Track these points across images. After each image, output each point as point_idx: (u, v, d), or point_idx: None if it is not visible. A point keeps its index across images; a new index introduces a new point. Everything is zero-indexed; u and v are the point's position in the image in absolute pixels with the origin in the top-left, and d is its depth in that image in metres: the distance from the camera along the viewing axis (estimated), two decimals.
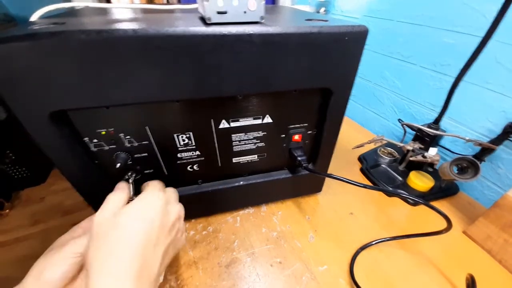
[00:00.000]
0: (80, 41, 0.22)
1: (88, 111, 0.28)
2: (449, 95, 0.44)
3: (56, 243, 0.26)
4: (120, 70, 0.25)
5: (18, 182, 0.52)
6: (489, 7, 0.45)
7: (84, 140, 0.31)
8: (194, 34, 0.25)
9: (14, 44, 0.21)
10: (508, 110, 0.46)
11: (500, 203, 0.38)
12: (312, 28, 0.28)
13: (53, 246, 0.26)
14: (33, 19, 0.29)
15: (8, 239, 0.43)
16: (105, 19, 0.30)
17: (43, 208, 0.49)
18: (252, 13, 0.27)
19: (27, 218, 0.46)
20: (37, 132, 0.27)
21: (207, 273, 0.37)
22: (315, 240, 0.43)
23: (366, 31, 0.29)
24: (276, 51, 0.28)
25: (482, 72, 0.48)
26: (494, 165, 0.50)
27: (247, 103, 0.34)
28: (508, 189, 0.39)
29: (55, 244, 0.26)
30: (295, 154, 0.41)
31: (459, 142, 0.55)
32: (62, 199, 0.50)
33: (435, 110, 0.59)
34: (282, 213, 0.47)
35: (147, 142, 0.33)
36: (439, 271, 0.38)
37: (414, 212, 0.48)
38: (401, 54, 0.64)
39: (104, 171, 0.34)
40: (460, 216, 0.48)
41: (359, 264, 0.39)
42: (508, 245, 0.38)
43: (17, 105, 0.24)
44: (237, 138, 0.38)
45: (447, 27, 0.52)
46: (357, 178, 0.57)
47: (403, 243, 0.42)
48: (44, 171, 0.57)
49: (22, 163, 0.50)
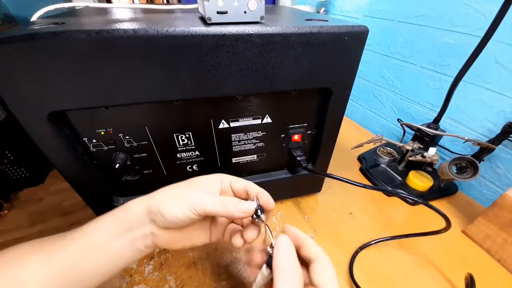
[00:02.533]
0: (80, 41, 0.22)
1: (87, 111, 0.28)
2: (449, 95, 0.44)
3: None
4: (120, 70, 0.25)
5: (17, 183, 0.52)
6: (489, 7, 0.45)
7: (83, 140, 0.31)
8: (194, 34, 0.25)
9: (14, 44, 0.21)
10: (507, 110, 0.46)
11: (499, 203, 0.39)
12: (312, 28, 0.28)
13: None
14: (34, 19, 0.29)
15: (6, 239, 0.42)
16: (105, 19, 0.30)
17: (42, 209, 0.48)
18: (252, 13, 0.27)
19: (25, 219, 0.46)
20: (36, 133, 0.27)
21: (207, 273, 0.37)
22: (314, 240, 0.42)
23: (367, 31, 0.29)
24: (276, 51, 0.28)
25: (482, 72, 0.48)
26: (493, 164, 0.50)
27: (247, 103, 0.34)
28: (507, 189, 0.39)
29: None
30: (295, 154, 0.41)
31: (458, 141, 0.55)
32: (61, 199, 0.50)
33: (435, 110, 0.59)
34: (281, 213, 0.47)
35: (146, 142, 0.33)
36: (438, 270, 0.38)
37: (413, 212, 0.48)
38: (401, 54, 0.64)
39: (103, 172, 0.34)
40: (459, 215, 0.48)
41: (359, 264, 0.39)
42: (507, 244, 0.38)
43: (16, 105, 0.24)
44: (237, 138, 0.38)
45: (447, 27, 0.52)
46: (356, 178, 0.58)
47: (403, 243, 0.42)
48: (42, 171, 0.57)
49: (20, 164, 0.50)
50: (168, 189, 0.25)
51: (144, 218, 0.23)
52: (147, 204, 0.23)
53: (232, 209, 0.23)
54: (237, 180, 0.27)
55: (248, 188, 0.27)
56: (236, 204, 0.23)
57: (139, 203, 0.24)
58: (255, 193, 0.26)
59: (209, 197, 0.23)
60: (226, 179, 0.27)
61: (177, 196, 0.24)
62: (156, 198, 0.24)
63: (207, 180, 0.26)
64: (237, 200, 0.24)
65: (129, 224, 0.23)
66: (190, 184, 0.26)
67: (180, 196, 0.23)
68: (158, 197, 0.24)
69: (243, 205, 0.23)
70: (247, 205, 0.24)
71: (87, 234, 0.22)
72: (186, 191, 0.24)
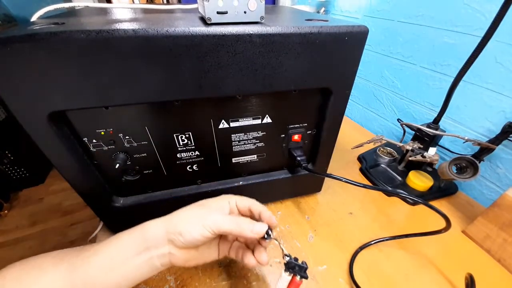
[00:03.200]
0: (80, 41, 0.22)
1: (87, 111, 0.28)
2: (449, 95, 0.44)
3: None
4: (120, 70, 0.25)
5: (17, 183, 0.52)
6: (489, 7, 0.45)
7: (83, 140, 0.31)
8: (194, 34, 0.25)
9: (14, 44, 0.21)
10: (507, 109, 0.46)
11: (499, 203, 0.39)
12: (312, 28, 0.28)
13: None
14: (34, 19, 0.29)
15: (7, 239, 0.43)
16: (105, 19, 0.30)
17: (42, 209, 0.49)
18: (252, 13, 0.27)
19: (26, 219, 0.46)
20: (36, 133, 0.27)
21: (207, 273, 0.37)
22: (314, 240, 0.43)
23: (367, 32, 0.29)
24: (276, 51, 0.28)
25: (482, 72, 0.48)
26: (493, 164, 0.50)
27: (247, 103, 0.34)
28: (507, 189, 0.39)
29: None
30: (295, 154, 0.41)
31: (458, 141, 0.55)
32: (61, 199, 0.51)
33: (435, 110, 0.59)
34: (281, 213, 0.47)
35: (146, 142, 0.33)
36: (438, 270, 0.38)
37: (413, 212, 0.48)
38: (401, 54, 0.64)
39: (103, 172, 0.34)
40: (459, 215, 0.48)
41: (359, 264, 0.39)
42: (507, 244, 0.38)
43: (16, 105, 0.24)
44: (237, 138, 0.38)
45: (447, 27, 0.52)
46: (356, 178, 0.58)
47: (403, 243, 0.42)
48: (43, 171, 0.57)
49: (20, 164, 0.50)
50: (184, 211, 0.27)
51: (162, 239, 0.25)
52: (165, 225, 0.25)
53: (245, 228, 0.25)
54: (242, 199, 0.30)
55: (252, 207, 0.29)
56: (249, 225, 0.26)
57: (158, 224, 0.26)
58: (258, 212, 0.29)
59: (225, 217, 0.26)
60: (232, 200, 0.30)
61: (195, 217, 0.26)
62: (174, 220, 0.26)
63: (217, 202, 0.29)
64: (249, 220, 0.27)
65: (148, 244, 0.25)
66: (203, 206, 0.28)
67: (198, 217, 0.26)
68: (176, 219, 0.26)
69: (255, 226, 0.26)
70: (259, 227, 0.26)
71: (107, 251, 0.24)
72: (202, 213, 0.27)
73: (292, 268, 0.27)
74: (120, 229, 0.26)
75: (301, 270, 0.27)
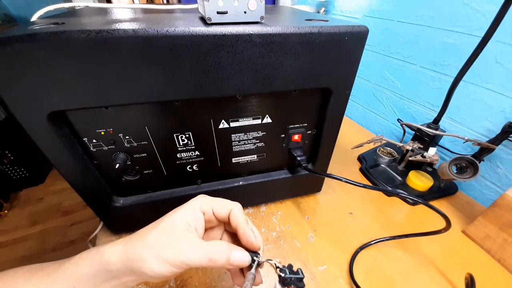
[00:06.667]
0: (80, 41, 0.22)
1: (87, 111, 0.28)
2: (449, 95, 0.44)
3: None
4: (120, 70, 0.25)
5: (17, 183, 0.52)
6: (489, 7, 0.45)
7: (83, 140, 0.31)
8: (194, 34, 0.25)
9: (14, 44, 0.21)
10: (507, 109, 0.46)
11: (499, 203, 0.39)
12: (312, 28, 0.28)
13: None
14: (34, 19, 0.29)
15: (6, 239, 0.43)
16: (105, 19, 0.30)
17: (42, 209, 0.49)
18: (252, 13, 0.27)
19: (26, 219, 0.46)
20: (36, 133, 0.27)
21: (207, 273, 0.37)
22: (314, 240, 0.43)
23: (367, 32, 0.29)
24: (276, 51, 0.28)
25: (482, 72, 0.48)
26: (493, 164, 0.50)
27: (247, 103, 0.34)
28: (507, 189, 0.39)
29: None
30: (295, 154, 0.41)
31: (458, 141, 0.55)
32: (61, 199, 0.51)
33: (435, 110, 0.59)
34: (281, 213, 0.47)
35: (147, 142, 0.33)
36: (438, 270, 0.38)
37: (413, 212, 0.48)
38: (401, 54, 0.64)
39: (103, 172, 0.34)
40: (459, 215, 0.48)
41: (359, 264, 0.39)
42: (507, 245, 0.38)
43: (16, 105, 0.24)
44: (237, 138, 0.38)
45: (447, 27, 0.52)
46: (356, 178, 0.58)
47: (403, 243, 0.42)
48: (42, 171, 0.57)
49: (20, 164, 0.50)
50: (144, 240, 0.21)
51: (125, 270, 0.21)
52: (125, 258, 0.21)
53: (220, 263, 0.21)
54: (218, 205, 0.24)
55: (231, 218, 0.24)
56: (226, 255, 0.21)
57: (116, 256, 0.21)
58: (234, 226, 0.23)
59: (192, 250, 0.20)
60: (207, 206, 0.24)
61: (157, 251, 0.21)
62: (135, 253, 0.21)
63: (185, 218, 0.23)
64: (227, 246, 0.22)
65: (112, 274, 0.21)
66: (167, 229, 0.22)
67: (160, 251, 0.20)
68: (136, 252, 0.21)
69: (236, 257, 0.21)
70: (239, 257, 0.21)
71: (72, 276, 0.21)
72: (165, 243, 0.21)
73: (288, 283, 0.25)
74: (120, 229, 0.26)
75: (297, 281, 0.25)
